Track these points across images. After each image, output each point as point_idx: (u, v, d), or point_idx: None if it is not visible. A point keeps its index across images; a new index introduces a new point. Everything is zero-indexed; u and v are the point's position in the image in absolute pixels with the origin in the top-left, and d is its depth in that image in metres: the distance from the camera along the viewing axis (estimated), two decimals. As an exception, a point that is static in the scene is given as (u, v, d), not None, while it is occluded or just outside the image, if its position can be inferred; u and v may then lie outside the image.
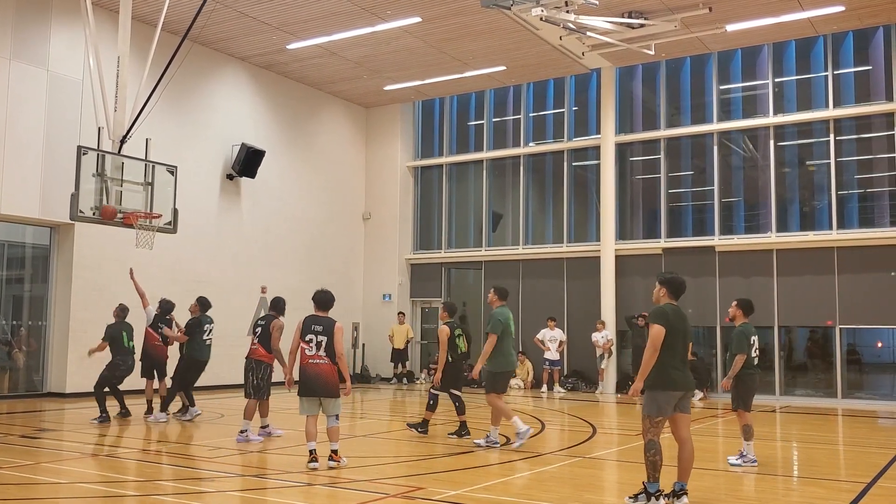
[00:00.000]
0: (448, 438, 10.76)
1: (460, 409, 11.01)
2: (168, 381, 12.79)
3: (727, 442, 11.02)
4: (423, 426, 11.12)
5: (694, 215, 19.84)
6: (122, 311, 12.81)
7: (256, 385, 10.56)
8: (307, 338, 8.46)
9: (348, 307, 21.25)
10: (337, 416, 8.47)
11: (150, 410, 12.65)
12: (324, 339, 8.42)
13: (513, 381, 20.29)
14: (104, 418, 12.03)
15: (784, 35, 17.97)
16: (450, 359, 11.03)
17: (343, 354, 8.51)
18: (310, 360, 8.41)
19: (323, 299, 8.64)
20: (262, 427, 10.79)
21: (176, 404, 12.88)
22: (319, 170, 21.83)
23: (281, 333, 10.74)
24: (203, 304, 12.68)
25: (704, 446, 10.32)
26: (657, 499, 6.58)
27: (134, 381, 12.98)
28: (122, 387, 12.63)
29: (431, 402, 11.18)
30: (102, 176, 12.41)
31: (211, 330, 12.62)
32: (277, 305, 11.14)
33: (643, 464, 6.69)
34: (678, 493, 6.71)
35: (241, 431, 10.41)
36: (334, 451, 8.43)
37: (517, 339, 20.91)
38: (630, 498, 6.76)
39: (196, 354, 12.39)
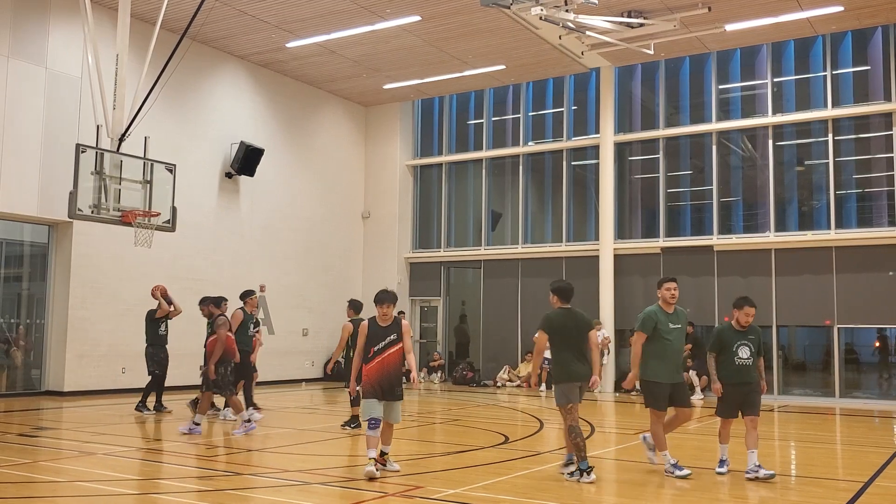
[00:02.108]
0: (344, 429, 11.18)
1: (355, 402, 11.14)
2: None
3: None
4: (354, 421, 11.34)
5: (692, 215, 19.85)
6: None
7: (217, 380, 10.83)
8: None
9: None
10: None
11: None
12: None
13: (503, 376, 20.32)
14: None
15: (783, 35, 17.98)
16: (350, 355, 11.11)
17: (355, 354, 8.45)
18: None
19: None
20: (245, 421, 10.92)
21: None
22: (318, 168, 21.82)
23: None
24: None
25: (704, 446, 10.33)
26: (588, 473, 7.69)
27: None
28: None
29: (353, 398, 11.37)
30: (101, 174, 12.40)
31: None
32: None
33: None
34: (572, 465, 7.92)
35: (196, 423, 10.75)
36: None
37: (516, 336, 20.95)
38: (568, 474, 7.89)
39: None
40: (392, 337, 8.01)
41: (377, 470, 7.68)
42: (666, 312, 8.25)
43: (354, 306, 11.90)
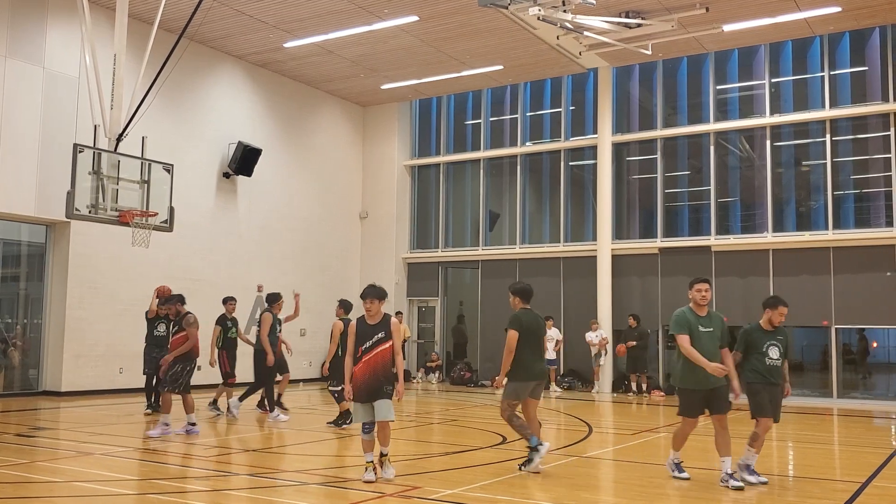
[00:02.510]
0: (330, 427, 11.27)
1: (340, 398, 11.31)
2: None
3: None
4: (342, 418, 11.45)
5: (690, 215, 19.86)
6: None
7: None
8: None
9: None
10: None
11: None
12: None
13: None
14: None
15: (781, 35, 17.99)
16: (339, 353, 11.16)
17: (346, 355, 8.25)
18: None
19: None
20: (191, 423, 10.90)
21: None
22: (316, 168, 21.81)
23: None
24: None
25: (703, 445, 10.34)
26: (539, 448, 8.04)
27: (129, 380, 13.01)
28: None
29: (336, 396, 11.51)
30: (98, 174, 12.38)
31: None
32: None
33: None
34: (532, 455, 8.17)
35: (165, 424, 10.70)
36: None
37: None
38: (520, 465, 8.18)
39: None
40: (380, 335, 7.68)
41: (375, 475, 7.57)
42: (697, 315, 7.80)
43: (344, 306, 11.91)
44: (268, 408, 12.71)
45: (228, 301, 13.37)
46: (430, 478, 7.93)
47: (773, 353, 7.95)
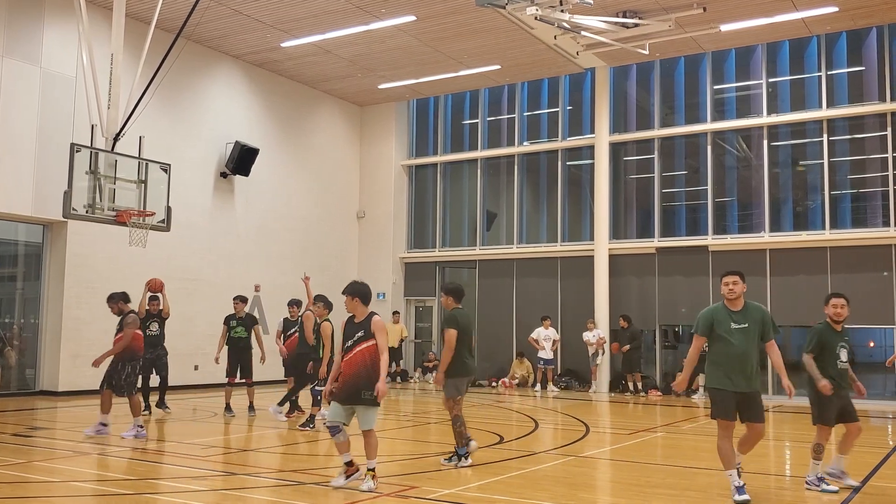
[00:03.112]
0: (301, 429, 11.30)
1: (316, 402, 11.45)
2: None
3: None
4: (311, 422, 11.44)
5: (687, 215, 19.88)
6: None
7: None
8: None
9: (342, 306, 21.20)
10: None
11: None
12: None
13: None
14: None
15: (778, 35, 18.02)
16: (320, 354, 11.22)
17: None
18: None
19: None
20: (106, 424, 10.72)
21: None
22: (313, 168, 21.80)
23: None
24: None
25: (702, 445, 10.35)
26: (466, 458, 8.38)
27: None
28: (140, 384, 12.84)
29: (318, 398, 11.48)
30: (96, 173, 12.35)
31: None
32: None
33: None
34: (462, 455, 8.49)
35: (104, 425, 10.55)
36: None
37: (511, 336, 20.96)
38: (445, 459, 8.52)
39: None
40: (360, 334, 7.33)
41: (346, 478, 7.25)
42: (729, 310, 7.10)
43: (326, 304, 11.86)
44: (280, 402, 12.77)
45: (235, 300, 13.41)
46: (428, 477, 7.93)
47: (843, 355, 7.55)
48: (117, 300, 11.21)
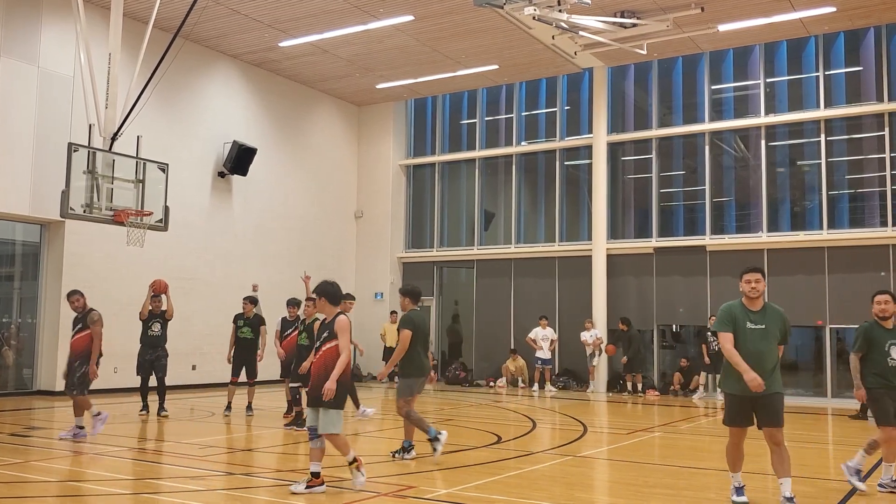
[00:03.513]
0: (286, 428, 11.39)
1: (297, 401, 11.59)
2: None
3: (717, 441, 11.04)
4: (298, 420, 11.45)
5: (685, 215, 19.90)
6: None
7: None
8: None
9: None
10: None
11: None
12: None
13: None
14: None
15: (776, 35, 18.04)
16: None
17: None
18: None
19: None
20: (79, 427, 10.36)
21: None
22: (311, 168, 21.79)
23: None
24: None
25: (701, 445, 10.36)
26: (439, 437, 8.67)
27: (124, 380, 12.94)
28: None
29: (297, 397, 11.57)
30: (93, 173, 12.34)
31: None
32: None
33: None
34: (407, 449, 8.84)
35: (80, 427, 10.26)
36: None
37: (509, 336, 20.96)
38: (394, 453, 8.83)
39: None
40: (325, 334, 7.21)
41: (305, 487, 6.98)
42: (747, 309, 6.77)
43: (297, 305, 11.89)
44: (356, 405, 12.66)
45: (244, 301, 13.42)
46: (426, 477, 7.93)
47: (894, 352, 7.38)
48: (79, 294, 10.63)
